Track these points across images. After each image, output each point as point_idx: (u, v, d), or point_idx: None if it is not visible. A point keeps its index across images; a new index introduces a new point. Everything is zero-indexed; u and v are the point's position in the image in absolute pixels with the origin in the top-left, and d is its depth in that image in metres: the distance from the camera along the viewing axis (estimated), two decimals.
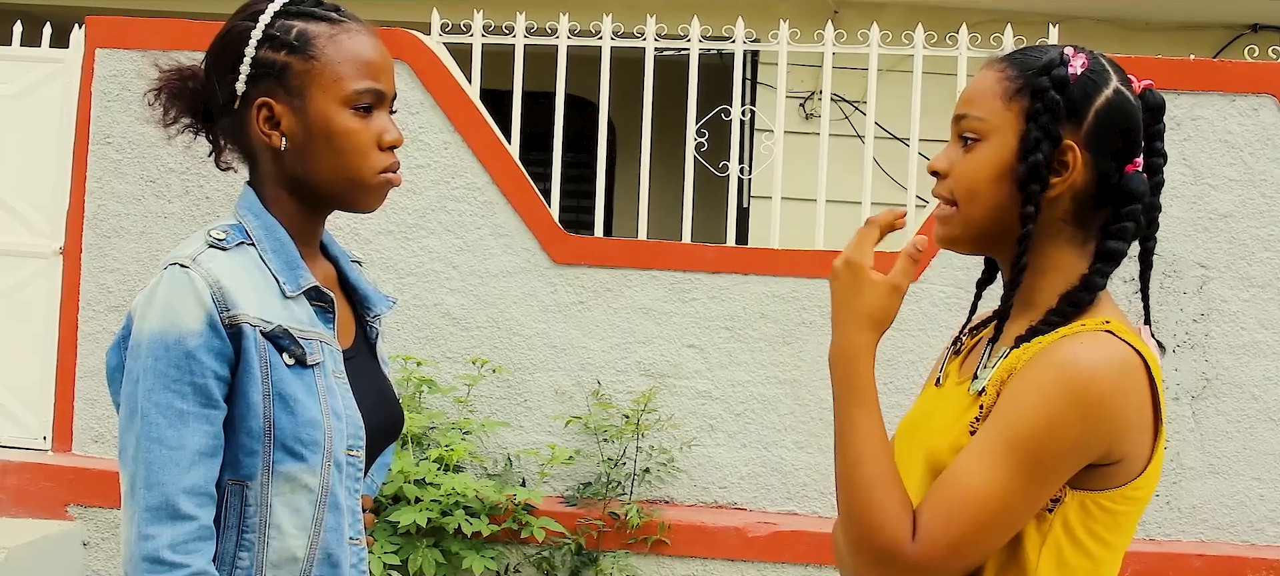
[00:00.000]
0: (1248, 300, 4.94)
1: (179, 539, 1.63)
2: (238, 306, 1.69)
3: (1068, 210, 1.61)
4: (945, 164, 1.66)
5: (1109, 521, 1.55)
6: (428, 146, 5.16)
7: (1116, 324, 1.57)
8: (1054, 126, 1.58)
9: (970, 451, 1.52)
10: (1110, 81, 1.61)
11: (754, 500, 5.09)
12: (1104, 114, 1.60)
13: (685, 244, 5.27)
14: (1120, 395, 1.50)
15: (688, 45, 5.37)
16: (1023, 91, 1.61)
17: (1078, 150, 1.59)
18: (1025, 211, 1.59)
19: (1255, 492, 4.95)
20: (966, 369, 1.72)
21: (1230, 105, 4.93)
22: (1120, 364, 1.51)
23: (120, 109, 5.25)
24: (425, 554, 4.58)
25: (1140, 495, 1.56)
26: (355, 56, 1.77)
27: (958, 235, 1.66)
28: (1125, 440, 1.52)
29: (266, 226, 1.78)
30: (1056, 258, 1.63)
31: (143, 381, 1.66)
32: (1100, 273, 1.61)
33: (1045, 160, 1.58)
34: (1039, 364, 1.53)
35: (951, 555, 1.50)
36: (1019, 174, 1.59)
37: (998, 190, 1.61)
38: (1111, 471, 1.53)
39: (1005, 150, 1.61)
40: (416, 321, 5.16)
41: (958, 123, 1.66)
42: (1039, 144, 1.58)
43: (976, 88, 1.66)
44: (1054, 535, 1.54)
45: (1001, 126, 1.61)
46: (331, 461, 1.74)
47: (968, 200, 1.63)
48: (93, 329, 5.25)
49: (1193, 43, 7.49)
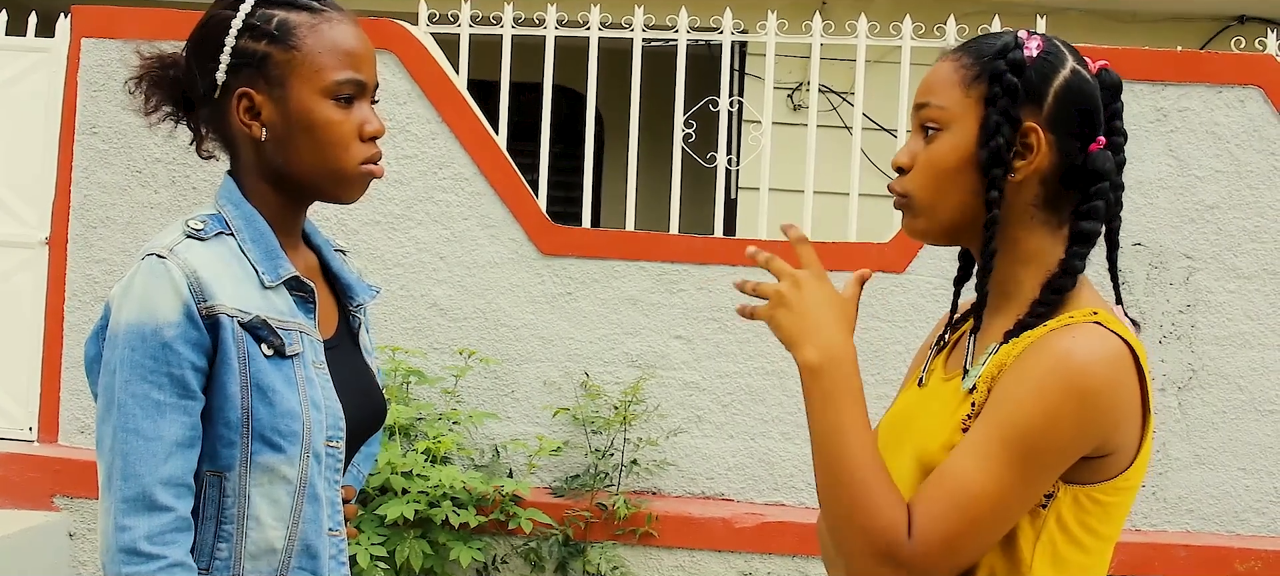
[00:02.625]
0: (1234, 291, 4.96)
1: (156, 530, 1.62)
2: (215, 297, 1.68)
3: (1037, 195, 1.61)
4: (908, 157, 1.65)
5: (1101, 513, 1.56)
6: (415, 137, 5.15)
7: (1104, 314, 1.57)
8: (1013, 109, 1.58)
9: (964, 448, 1.52)
10: (1067, 62, 1.61)
11: (741, 491, 5.10)
12: (1063, 94, 1.59)
13: (673, 235, 5.27)
14: (1114, 388, 1.50)
15: (676, 36, 5.37)
16: (981, 77, 1.61)
17: (1040, 132, 1.58)
18: (990, 197, 1.58)
19: (1241, 483, 4.97)
20: (952, 365, 1.71)
21: (1217, 96, 4.94)
22: (1112, 356, 1.51)
23: (106, 99, 5.23)
24: (412, 545, 4.58)
25: (1131, 485, 1.56)
26: (336, 46, 1.76)
27: (923, 227, 1.66)
28: (1118, 432, 1.52)
29: (246, 216, 1.78)
30: (1032, 245, 1.62)
31: (119, 372, 1.65)
32: (1077, 255, 1.60)
33: (1007, 144, 1.57)
34: (1031, 358, 1.52)
35: (948, 552, 1.50)
36: (981, 160, 1.59)
37: (962, 178, 1.60)
38: (1103, 463, 1.53)
39: (967, 137, 1.60)
40: (404, 312, 5.15)
41: (918, 112, 1.66)
42: (1000, 128, 1.57)
43: (934, 77, 1.65)
44: (1048, 530, 1.54)
45: (962, 114, 1.61)
46: (310, 452, 1.73)
47: (932, 191, 1.62)
48: (79, 319, 5.23)
49: (1180, 34, 7.51)
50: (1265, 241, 4.95)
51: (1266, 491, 4.96)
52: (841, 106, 7.11)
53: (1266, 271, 4.95)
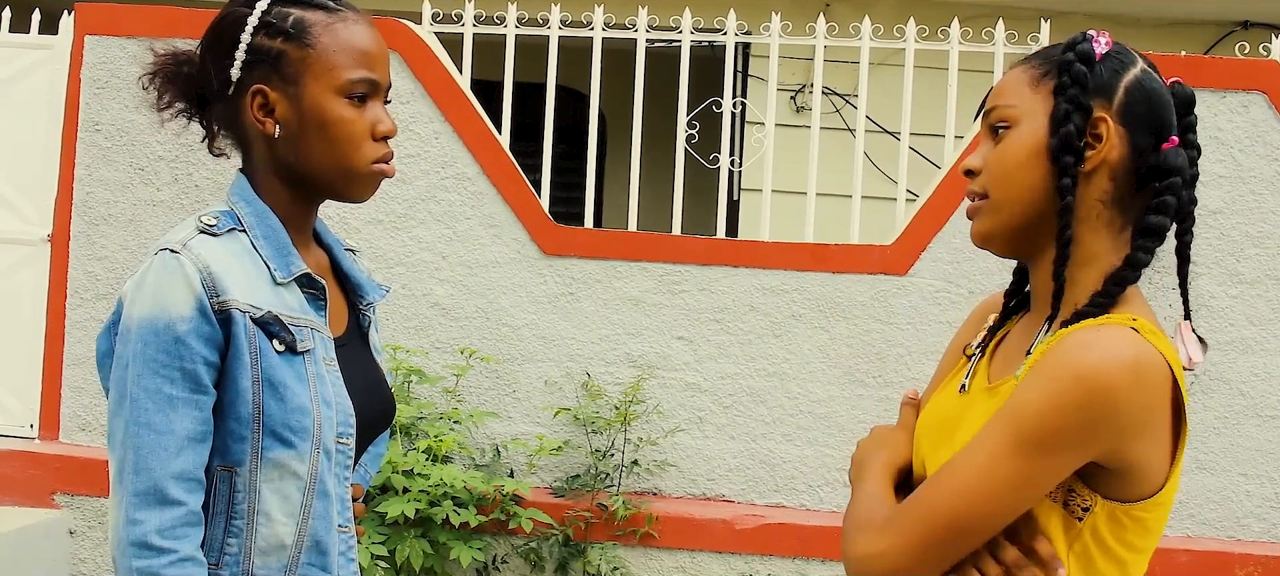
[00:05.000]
0: (1236, 297, 4.95)
1: (167, 524, 1.63)
2: (228, 292, 1.69)
3: (1106, 191, 1.59)
4: (979, 161, 1.65)
5: (1139, 529, 1.55)
6: (418, 136, 5.15)
7: (1143, 322, 1.54)
8: (1083, 98, 1.57)
9: (975, 438, 1.53)
10: (1137, 62, 1.62)
11: (742, 492, 5.10)
12: (1134, 89, 1.59)
13: (675, 236, 5.27)
14: (1129, 392, 1.46)
15: (679, 37, 5.37)
16: (1050, 73, 1.61)
17: (1110, 122, 1.58)
18: (1062, 184, 1.57)
19: (1242, 488, 4.96)
20: (996, 371, 1.69)
21: (1221, 102, 4.94)
22: (1135, 360, 1.47)
23: (109, 96, 5.24)
24: (413, 544, 4.58)
25: (1167, 499, 1.55)
26: (351, 45, 1.77)
27: (991, 228, 1.64)
28: (1135, 442, 1.49)
29: (258, 213, 1.78)
30: (1095, 247, 1.61)
31: (132, 366, 1.66)
32: (1143, 249, 1.59)
33: (1077, 131, 1.56)
34: (1052, 353, 1.51)
35: (929, 540, 1.53)
36: (1052, 147, 1.57)
37: (1032, 171, 1.59)
38: (1133, 480, 1.51)
39: (1037, 129, 1.59)
40: (405, 311, 5.15)
41: (987, 116, 1.65)
42: (1069, 116, 1.57)
43: (1004, 82, 1.66)
44: (1082, 541, 1.54)
45: (1032, 109, 1.61)
46: (320, 448, 1.74)
47: (1003, 186, 1.61)
48: (81, 316, 5.24)
49: (1184, 39, 7.50)
50: (1268, 247, 4.95)
51: (1268, 497, 4.96)
52: (844, 108, 7.11)
53: (1269, 277, 4.95)
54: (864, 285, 5.05)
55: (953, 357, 1.83)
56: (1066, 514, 1.54)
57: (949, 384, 1.77)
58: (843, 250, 5.09)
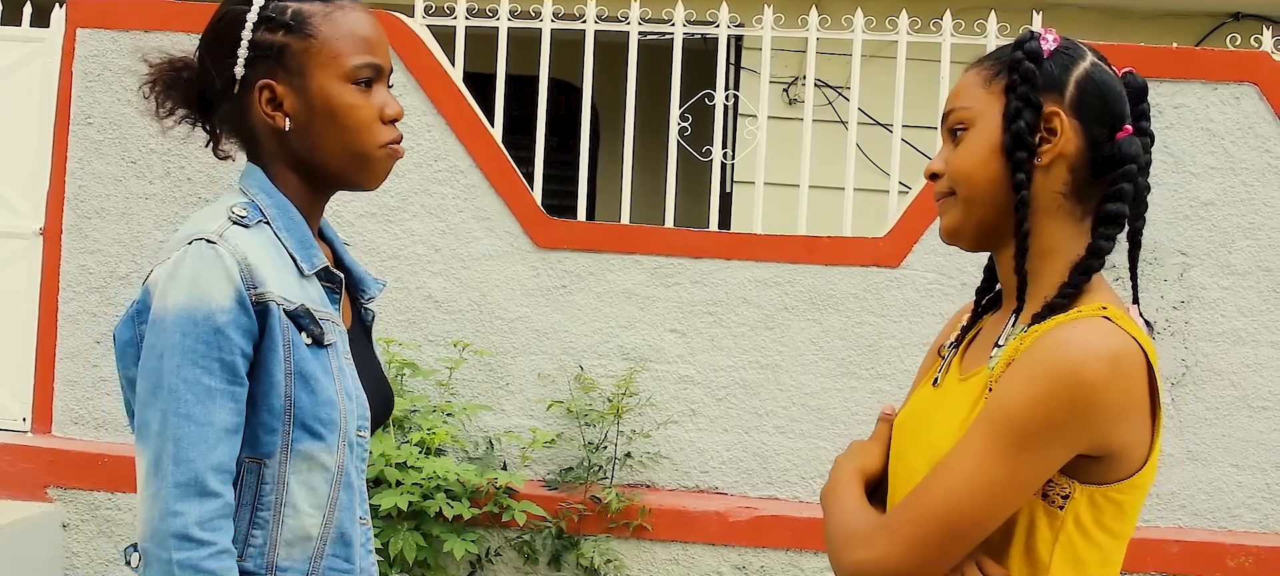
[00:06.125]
0: (1227, 288, 4.97)
1: (207, 516, 1.63)
2: (264, 284, 1.69)
3: (1064, 182, 1.63)
4: (940, 164, 1.69)
5: (1116, 512, 1.57)
6: (410, 129, 5.14)
7: (1114, 310, 1.57)
8: (1034, 94, 1.61)
9: (959, 442, 1.55)
10: (1087, 56, 1.65)
11: (735, 485, 5.10)
12: (1085, 82, 1.63)
13: (668, 228, 5.27)
14: (1110, 383, 1.49)
15: (672, 29, 5.37)
16: (1001, 73, 1.66)
17: (1063, 116, 1.61)
18: (1016, 179, 1.61)
19: (1233, 479, 4.98)
20: (967, 365, 1.72)
21: (1212, 93, 4.95)
22: (1113, 351, 1.51)
23: (101, 89, 5.22)
24: (406, 537, 4.58)
25: (1144, 483, 1.58)
26: (352, 32, 1.78)
27: (957, 222, 1.68)
28: (1117, 430, 1.52)
29: (279, 205, 1.79)
30: (1056, 238, 1.64)
31: (169, 357, 1.65)
32: (1104, 237, 1.62)
33: (1028, 126, 1.60)
34: (1031, 352, 1.54)
35: (921, 545, 1.54)
36: (1005, 144, 1.62)
37: (990, 167, 1.63)
38: (1112, 464, 1.54)
39: (992, 128, 1.64)
40: (398, 304, 5.15)
41: (946, 120, 1.70)
42: (1021, 112, 1.61)
43: (959, 85, 1.71)
44: (1067, 531, 1.56)
45: (986, 109, 1.65)
46: (346, 441, 1.76)
47: (965, 185, 1.66)
48: (73, 310, 5.23)
49: (1175, 30, 7.51)
50: (1259, 238, 4.96)
51: (1259, 487, 4.97)
52: (837, 101, 7.12)
53: (1260, 268, 4.96)
54: (856, 277, 5.05)
55: (930, 360, 1.87)
56: (1048, 506, 1.56)
57: (925, 383, 1.81)
58: (835, 242, 5.09)
